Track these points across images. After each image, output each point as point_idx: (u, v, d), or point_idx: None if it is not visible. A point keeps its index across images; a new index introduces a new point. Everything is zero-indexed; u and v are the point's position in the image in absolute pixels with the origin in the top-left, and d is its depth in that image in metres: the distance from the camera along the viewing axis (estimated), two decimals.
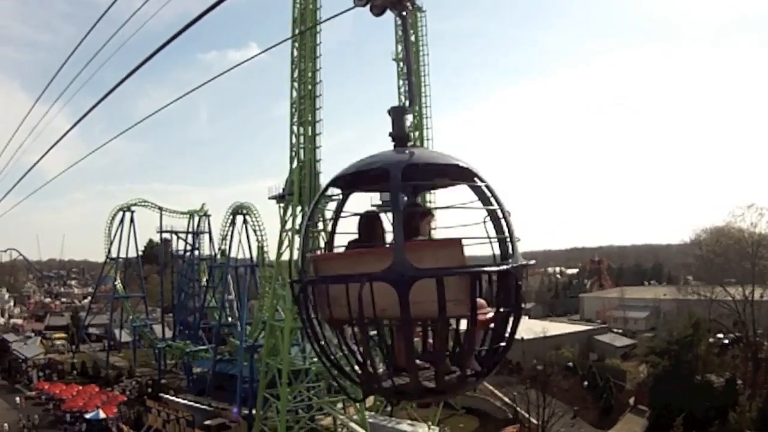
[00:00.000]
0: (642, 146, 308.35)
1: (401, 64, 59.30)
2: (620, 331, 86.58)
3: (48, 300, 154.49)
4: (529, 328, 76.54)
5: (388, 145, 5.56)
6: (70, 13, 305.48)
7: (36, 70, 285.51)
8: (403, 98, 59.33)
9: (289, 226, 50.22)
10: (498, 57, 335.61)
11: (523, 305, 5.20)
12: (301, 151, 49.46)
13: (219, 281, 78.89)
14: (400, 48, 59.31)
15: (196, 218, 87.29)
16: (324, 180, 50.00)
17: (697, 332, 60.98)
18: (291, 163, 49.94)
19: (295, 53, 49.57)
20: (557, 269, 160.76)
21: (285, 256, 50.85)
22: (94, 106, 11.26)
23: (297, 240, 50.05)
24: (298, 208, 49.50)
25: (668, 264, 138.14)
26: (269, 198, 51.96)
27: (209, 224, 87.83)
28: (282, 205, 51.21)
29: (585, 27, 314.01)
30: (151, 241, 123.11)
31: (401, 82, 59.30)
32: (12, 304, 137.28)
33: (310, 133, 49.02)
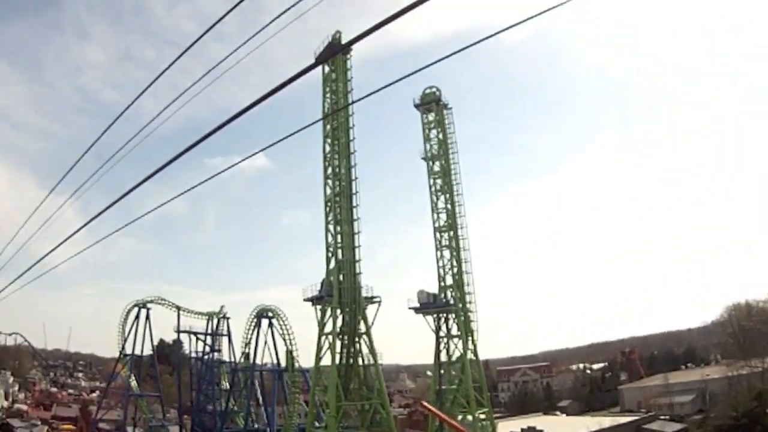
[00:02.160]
0: (647, 237, 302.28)
1: (431, 162, 57.60)
2: (667, 417, 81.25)
3: (54, 389, 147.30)
4: (572, 427, 71.99)
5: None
6: (81, 108, 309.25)
7: (47, 160, 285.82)
8: (434, 198, 57.07)
9: (328, 329, 46.21)
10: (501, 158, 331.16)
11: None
12: (339, 251, 46.24)
13: (244, 386, 73.65)
14: (428, 146, 57.88)
15: (215, 320, 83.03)
16: (365, 281, 46.43)
17: (761, 403, 57.35)
18: (328, 263, 46.63)
19: (327, 149, 47.26)
20: (581, 366, 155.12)
21: (325, 361, 46.68)
22: (104, 210, 11.68)
23: (338, 343, 46.19)
24: (338, 310, 45.81)
25: (698, 346, 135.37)
26: (304, 300, 47.95)
27: (228, 326, 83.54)
28: (319, 306, 47.36)
29: (577, 125, 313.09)
30: (162, 341, 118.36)
31: (432, 181, 57.45)
32: (17, 388, 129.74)
33: (347, 231, 45.96)
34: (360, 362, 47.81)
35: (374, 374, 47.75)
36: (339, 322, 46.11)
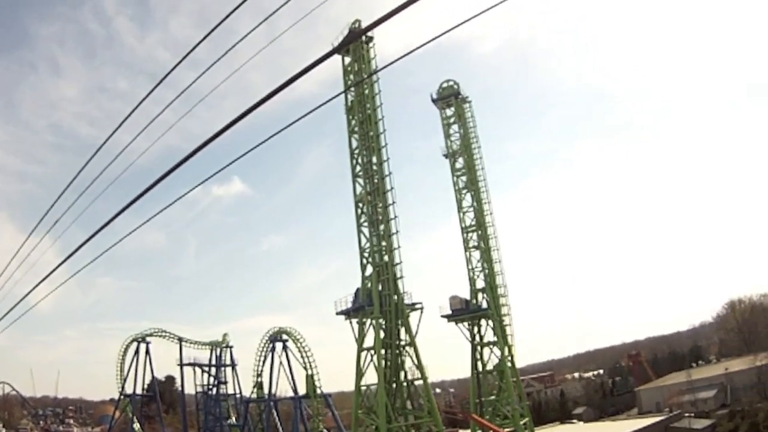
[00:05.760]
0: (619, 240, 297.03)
1: (452, 159, 52.34)
2: (692, 414, 75.62)
3: None
4: None
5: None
6: (56, 144, 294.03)
7: (24, 201, 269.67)
8: (459, 195, 51.28)
9: (369, 342, 39.27)
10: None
11: None
12: (376, 255, 39.66)
13: (259, 419, 65.20)
14: (449, 143, 52.55)
15: (218, 350, 74.78)
16: (408, 287, 39.34)
17: None
18: (363, 270, 39.88)
19: (354, 144, 41.11)
20: (576, 375, 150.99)
21: (369, 379, 39.60)
22: (82, 244, 11.53)
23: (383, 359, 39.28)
24: (381, 320, 38.91)
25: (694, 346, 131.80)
26: (337, 313, 41.08)
27: (231, 356, 75.30)
28: (355, 320, 40.48)
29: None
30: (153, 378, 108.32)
31: (455, 178, 51.95)
32: None
33: (383, 232, 39.50)
34: (403, 377, 40.97)
35: (422, 390, 40.98)
36: (382, 334, 39.19)
